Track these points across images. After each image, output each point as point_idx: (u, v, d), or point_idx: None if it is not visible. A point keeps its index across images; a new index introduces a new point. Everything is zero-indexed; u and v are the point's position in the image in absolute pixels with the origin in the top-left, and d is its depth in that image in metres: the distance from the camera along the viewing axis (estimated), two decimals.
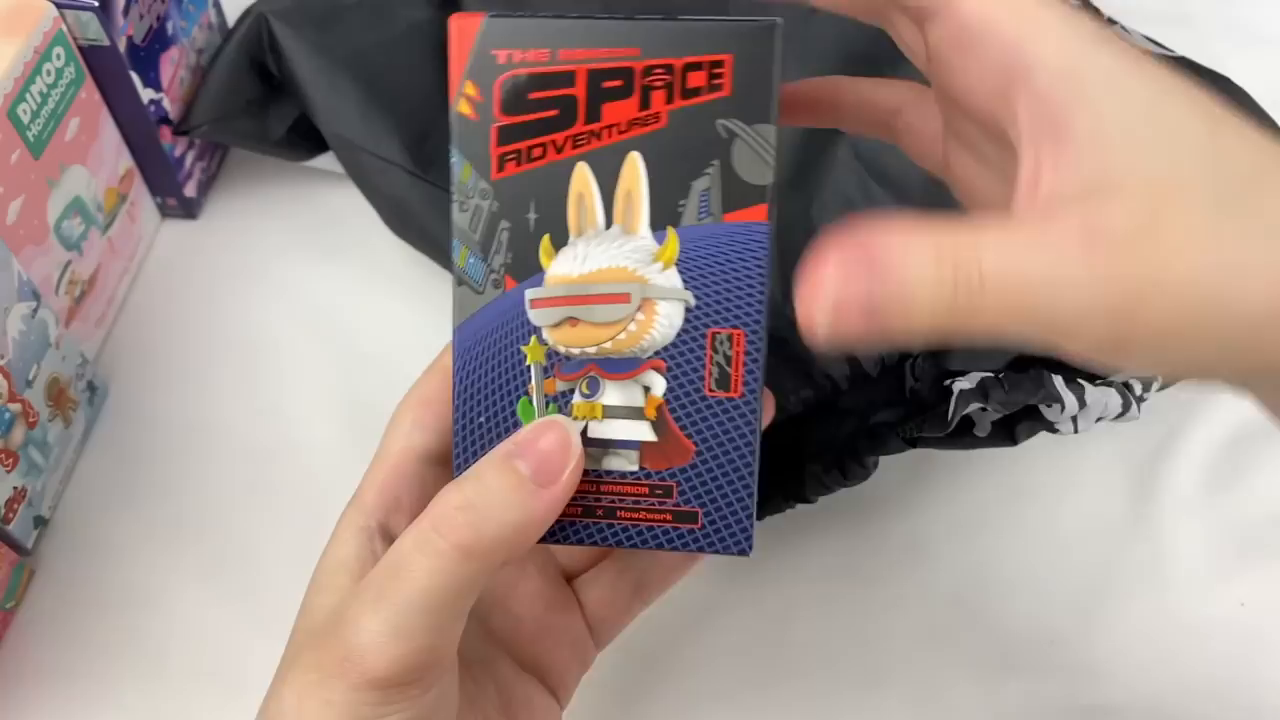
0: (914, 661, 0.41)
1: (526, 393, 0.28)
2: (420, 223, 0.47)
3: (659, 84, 0.26)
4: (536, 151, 0.27)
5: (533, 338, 0.27)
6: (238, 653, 0.40)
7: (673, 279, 0.26)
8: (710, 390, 0.27)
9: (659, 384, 0.27)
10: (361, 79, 0.46)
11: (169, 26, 0.46)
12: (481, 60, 0.26)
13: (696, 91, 0.26)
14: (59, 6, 0.41)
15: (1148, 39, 0.46)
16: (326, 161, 0.50)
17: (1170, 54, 0.45)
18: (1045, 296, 0.21)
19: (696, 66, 0.26)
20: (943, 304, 0.21)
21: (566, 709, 0.40)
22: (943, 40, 0.24)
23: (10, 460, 0.39)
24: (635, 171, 0.26)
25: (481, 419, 0.28)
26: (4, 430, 0.38)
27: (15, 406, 0.39)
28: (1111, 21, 0.46)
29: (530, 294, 0.27)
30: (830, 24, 0.42)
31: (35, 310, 0.40)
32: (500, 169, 0.27)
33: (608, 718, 0.40)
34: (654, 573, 0.34)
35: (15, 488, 0.40)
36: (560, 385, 0.27)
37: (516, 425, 0.27)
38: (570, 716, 0.40)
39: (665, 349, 0.27)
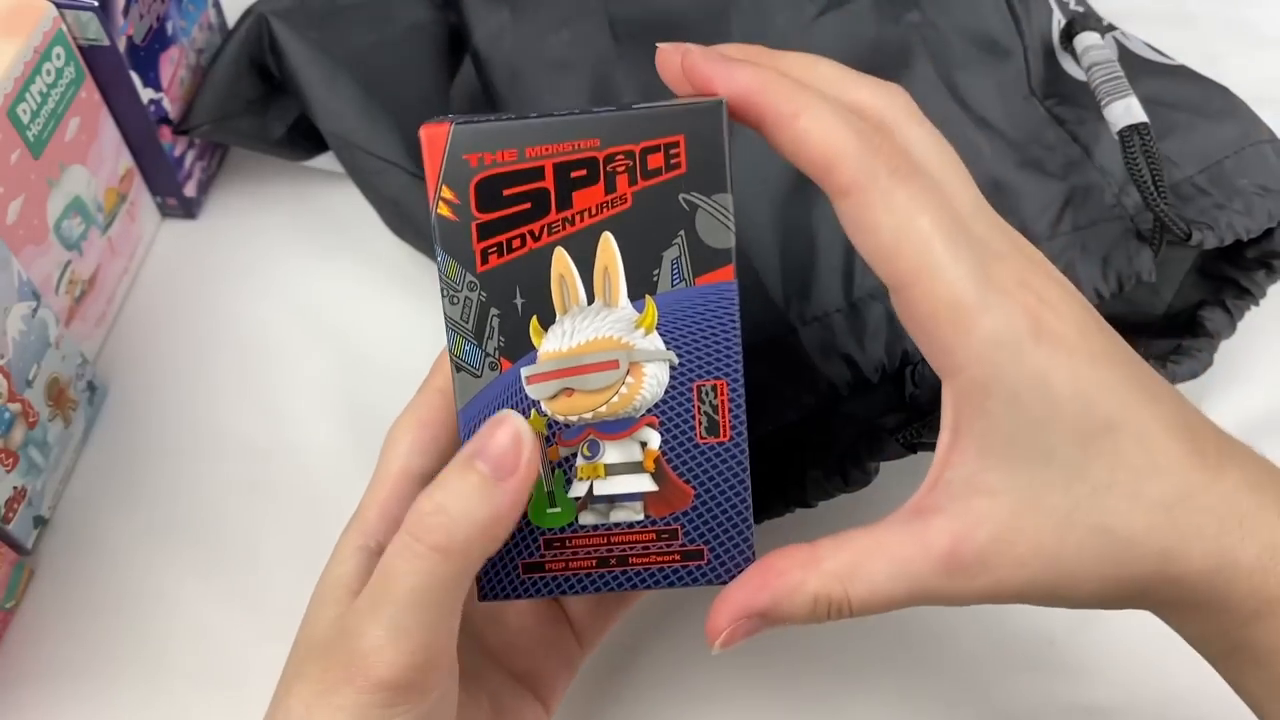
0: (913, 661, 0.41)
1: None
2: (419, 223, 0.47)
3: (621, 169, 0.28)
4: (516, 242, 0.29)
5: (532, 411, 0.29)
6: (237, 652, 0.40)
7: (655, 342, 0.29)
8: (701, 437, 0.29)
9: (654, 438, 0.29)
10: (361, 79, 0.46)
11: (169, 26, 0.46)
12: (454, 165, 0.28)
13: (657, 171, 0.28)
14: (59, 6, 0.41)
15: (1148, 45, 0.46)
16: (326, 161, 0.50)
17: (1170, 62, 0.45)
18: (908, 603, 0.28)
19: (654, 149, 0.28)
20: (817, 620, 0.29)
21: (565, 709, 0.40)
22: (895, 299, 0.28)
23: (10, 460, 0.39)
24: (610, 250, 0.28)
25: None
26: (4, 430, 0.38)
27: (15, 406, 0.39)
28: (1111, 28, 0.46)
29: (525, 372, 0.29)
30: (831, 30, 0.43)
31: (35, 310, 0.40)
32: (484, 262, 0.29)
33: (608, 718, 0.40)
34: None
35: (15, 488, 0.40)
36: (563, 451, 0.30)
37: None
38: (570, 716, 0.40)
39: (656, 406, 0.29)
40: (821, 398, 0.38)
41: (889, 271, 0.27)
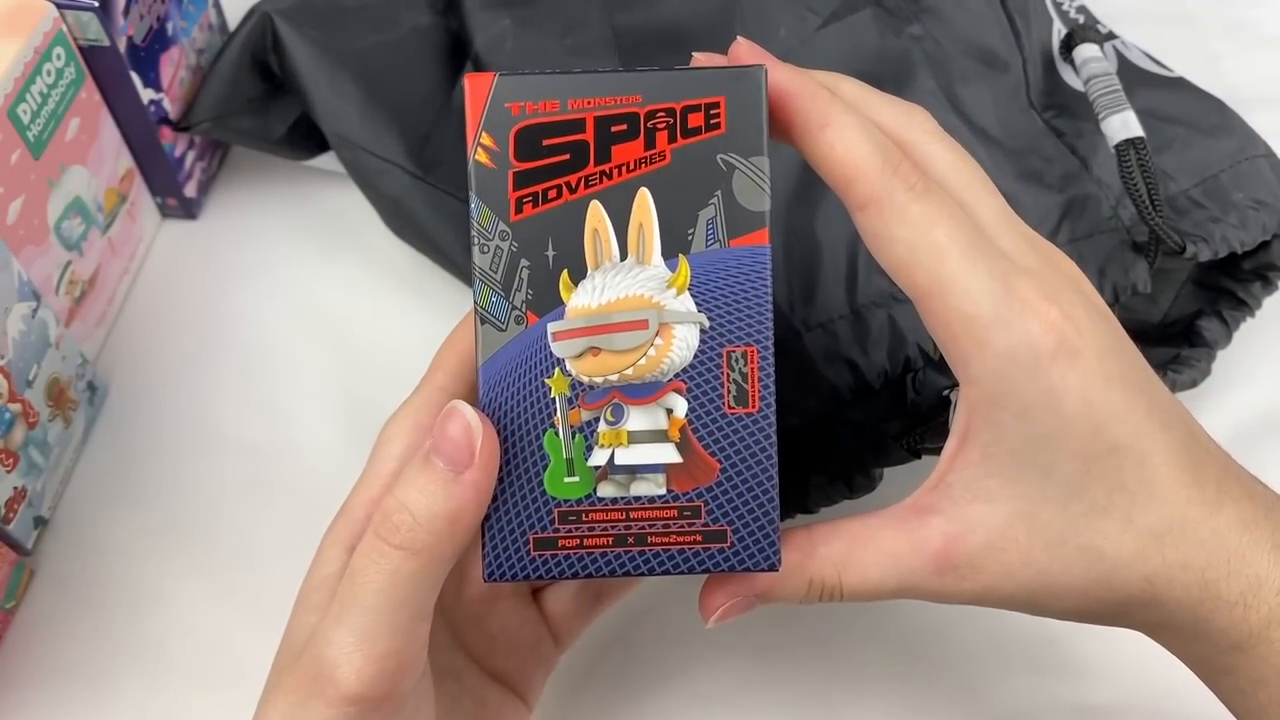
0: (913, 661, 0.41)
1: (552, 424, 0.28)
2: (420, 223, 0.47)
3: (662, 125, 0.28)
4: (552, 193, 0.28)
5: (556, 370, 0.28)
6: (237, 652, 0.41)
7: (687, 303, 0.28)
8: (730, 407, 0.28)
9: (681, 405, 0.28)
10: (364, 80, 0.46)
11: (169, 27, 0.46)
12: (496, 113, 0.28)
13: (697, 130, 0.28)
14: (59, 6, 0.41)
15: (1147, 55, 0.46)
16: (327, 161, 0.50)
17: (1169, 74, 0.45)
18: (897, 595, 0.29)
19: (695, 109, 0.28)
20: (810, 602, 0.29)
21: (563, 709, 0.40)
22: (917, 308, 0.28)
23: (10, 460, 0.39)
24: (646, 205, 0.28)
25: (510, 453, 0.29)
26: (4, 430, 0.38)
27: (15, 406, 0.39)
28: (1111, 36, 0.46)
29: (552, 327, 0.28)
30: (833, 42, 0.43)
31: (35, 310, 0.40)
32: (518, 211, 0.28)
33: (608, 717, 0.40)
34: (614, 582, 0.35)
35: (15, 488, 0.40)
36: (585, 415, 0.28)
37: (544, 459, 0.28)
38: (569, 716, 0.40)
39: (684, 371, 0.28)
40: (825, 402, 0.38)
41: (907, 284, 0.27)
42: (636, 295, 0.28)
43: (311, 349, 0.48)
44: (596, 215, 0.28)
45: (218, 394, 0.47)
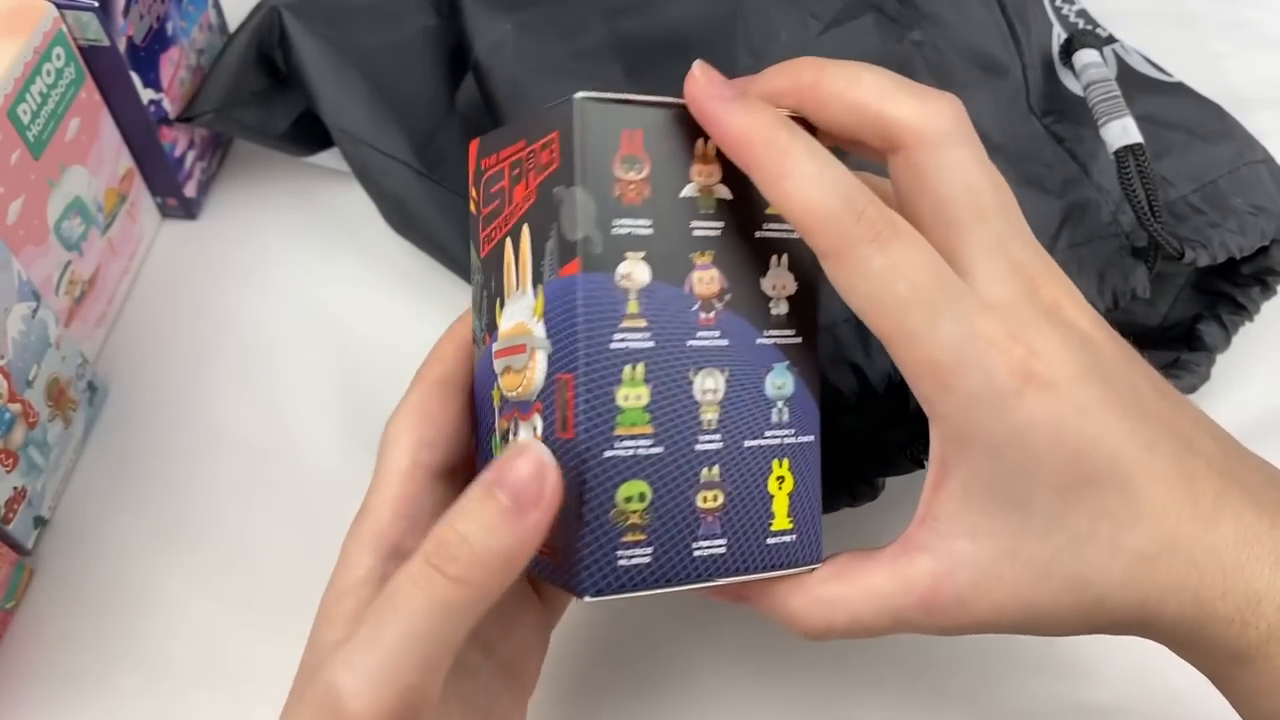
0: (913, 661, 0.41)
1: (497, 429, 0.32)
2: (421, 221, 0.47)
3: (530, 165, 0.30)
4: (495, 234, 0.32)
5: (497, 384, 0.31)
6: (237, 653, 0.41)
7: (541, 329, 0.29)
8: (559, 432, 0.28)
9: (538, 425, 0.29)
10: (370, 76, 0.46)
11: (169, 27, 0.46)
12: (477, 170, 0.33)
13: (546, 166, 0.29)
14: (59, 6, 0.41)
15: (1146, 60, 0.46)
16: (328, 159, 0.50)
17: (1168, 79, 0.45)
18: (889, 632, 0.30)
19: (545, 145, 0.29)
20: (804, 638, 0.30)
21: (562, 709, 0.40)
22: (886, 347, 0.28)
23: (10, 460, 0.39)
24: (524, 240, 0.30)
25: (485, 455, 0.33)
26: (4, 430, 0.38)
27: (15, 407, 0.39)
28: (1110, 40, 0.46)
29: (494, 347, 0.32)
30: (835, 47, 0.43)
31: (35, 310, 0.40)
32: (483, 250, 0.33)
33: (608, 717, 0.40)
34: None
35: (15, 488, 0.40)
36: (503, 425, 0.31)
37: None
38: (570, 716, 0.40)
39: (540, 393, 0.29)
40: (828, 407, 0.38)
41: (873, 329, 0.27)
42: (520, 321, 0.30)
43: (312, 348, 0.48)
44: (508, 250, 0.31)
45: (217, 394, 0.47)
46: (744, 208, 0.29)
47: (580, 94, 0.27)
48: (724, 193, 0.29)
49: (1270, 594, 0.27)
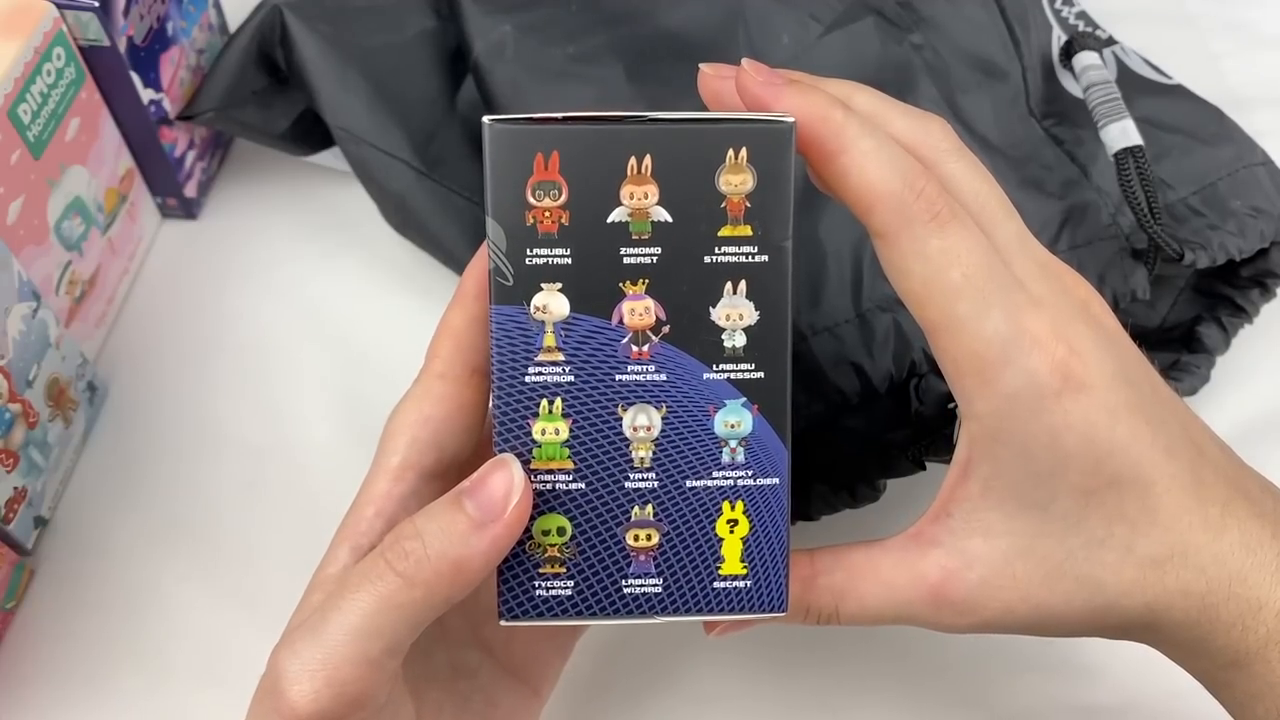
0: (913, 661, 0.41)
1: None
2: (422, 220, 0.47)
3: None
4: None
5: None
6: (237, 652, 0.41)
7: None
8: None
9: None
10: (371, 76, 0.46)
11: (169, 27, 0.46)
12: None
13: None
14: (59, 6, 0.41)
15: (1146, 62, 0.46)
16: (328, 158, 0.50)
17: (1168, 82, 0.45)
18: (894, 623, 0.30)
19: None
20: (806, 624, 0.31)
21: (562, 710, 0.40)
22: (928, 338, 0.28)
23: (10, 460, 0.39)
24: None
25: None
26: (4, 430, 0.38)
27: (15, 407, 0.39)
28: (1111, 42, 0.46)
29: None
30: (836, 50, 0.43)
31: (35, 310, 0.40)
32: None
33: (608, 718, 0.40)
34: None
35: (15, 488, 0.40)
36: None
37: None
38: (569, 717, 0.40)
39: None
40: (830, 406, 0.38)
41: (919, 317, 0.27)
42: None
43: (312, 349, 0.48)
44: None
45: (218, 394, 0.47)
46: (689, 230, 0.27)
47: (488, 118, 0.26)
48: (662, 215, 0.27)
49: (1271, 601, 0.27)
